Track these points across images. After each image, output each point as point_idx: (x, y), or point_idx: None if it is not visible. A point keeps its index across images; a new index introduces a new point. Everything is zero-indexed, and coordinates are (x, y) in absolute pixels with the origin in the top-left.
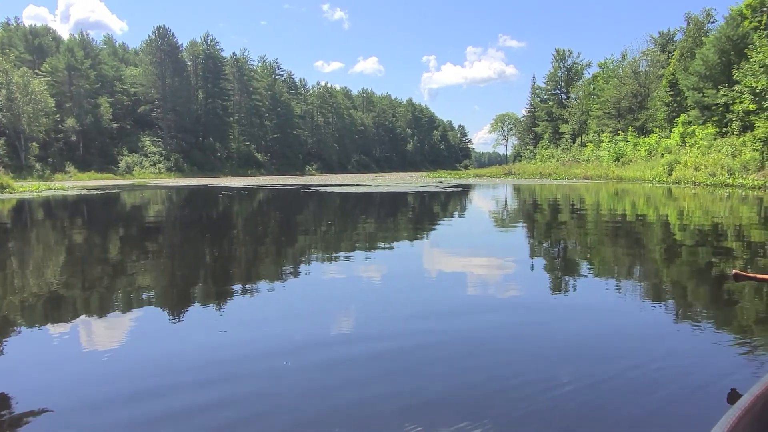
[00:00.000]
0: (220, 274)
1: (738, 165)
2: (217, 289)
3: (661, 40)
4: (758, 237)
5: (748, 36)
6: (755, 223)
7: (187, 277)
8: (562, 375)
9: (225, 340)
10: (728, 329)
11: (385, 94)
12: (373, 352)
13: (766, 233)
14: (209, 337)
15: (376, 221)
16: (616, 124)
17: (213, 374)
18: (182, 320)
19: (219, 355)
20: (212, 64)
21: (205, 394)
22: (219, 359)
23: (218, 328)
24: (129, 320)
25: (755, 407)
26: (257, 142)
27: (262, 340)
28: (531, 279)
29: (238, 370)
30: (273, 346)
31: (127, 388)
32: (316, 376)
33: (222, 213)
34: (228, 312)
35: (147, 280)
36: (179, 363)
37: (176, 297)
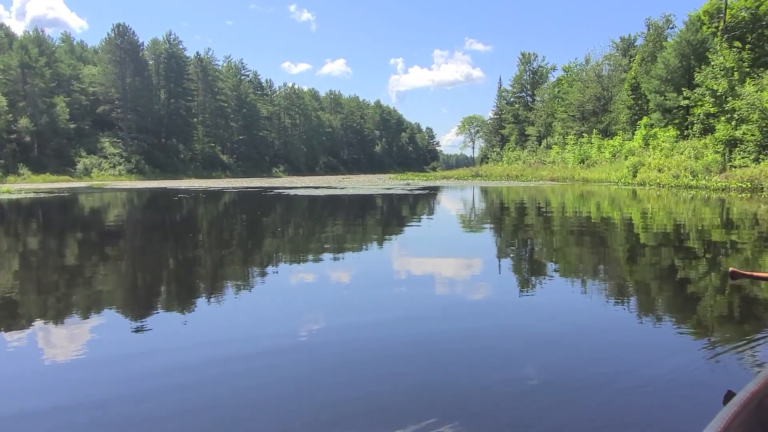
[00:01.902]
0: (154, 283)
1: (701, 167)
2: (162, 297)
3: (623, 45)
4: (719, 237)
5: (706, 41)
6: (717, 225)
7: (119, 286)
8: (535, 374)
9: (188, 344)
10: (705, 328)
11: (353, 95)
12: (341, 353)
13: (727, 234)
14: (168, 342)
15: (338, 225)
16: (580, 126)
17: (177, 378)
18: (141, 328)
19: (183, 358)
20: (175, 63)
21: (167, 399)
22: (183, 363)
23: (177, 334)
24: (78, 330)
25: (750, 405)
26: (222, 144)
27: (226, 343)
28: (499, 280)
29: (203, 374)
30: (239, 349)
31: (91, 396)
32: (283, 378)
33: (169, 217)
34: (177, 319)
35: (83, 290)
36: (142, 368)
37: (129, 304)
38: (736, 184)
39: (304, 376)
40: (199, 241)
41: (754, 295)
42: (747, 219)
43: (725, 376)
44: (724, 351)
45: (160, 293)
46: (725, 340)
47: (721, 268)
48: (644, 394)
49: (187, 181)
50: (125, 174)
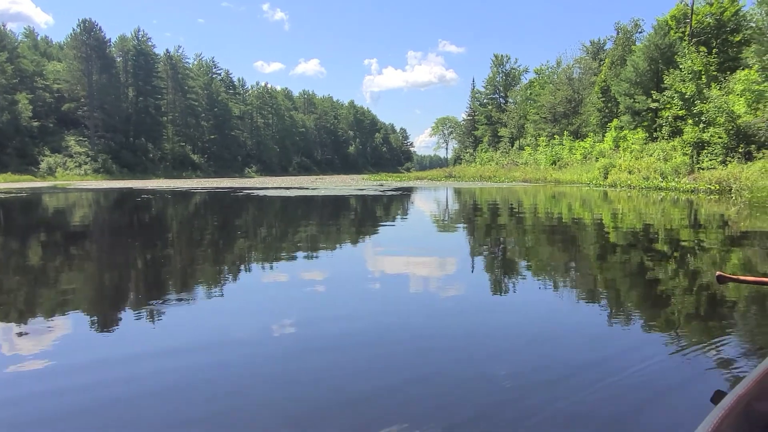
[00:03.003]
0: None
1: (670, 169)
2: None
3: (593, 49)
4: (687, 238)
5: (674, 45)
6: (685, 226)
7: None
8: (508, 372)
9: (156, 347)
10: (674, 326)
11: (327, 96)
12: (313, 353)
13: (695, 235)
14: (135, 346)
15: (307, 227)
16: (552, 128)
17: (146, 381)
18: (103, 333)
19: (153, 361)
20: (144, 60)
21: (135, 404)
22: (153, 366)
23: (143, 337)
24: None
25: (738, 407)
26: (193, 143)
27: (194, 347)
28: (472, 279)
29: (174, 377)
30: (209, 352)
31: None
32: (255, 380)
33: (126, 219)
34: (141, 324)
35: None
36: (110, 373)
37: (84, 310)
38: (704, 186)
39: (276, 377)
40: (154, 244)
41: (721, 295)
42: (714, 220)
43: (693, 373)
44: (691, 348)
45: (113, 299)
46: (693, 338)
47: (689, 267)
48: (618, 390)
49: (156, 181)
50: (91, 174)
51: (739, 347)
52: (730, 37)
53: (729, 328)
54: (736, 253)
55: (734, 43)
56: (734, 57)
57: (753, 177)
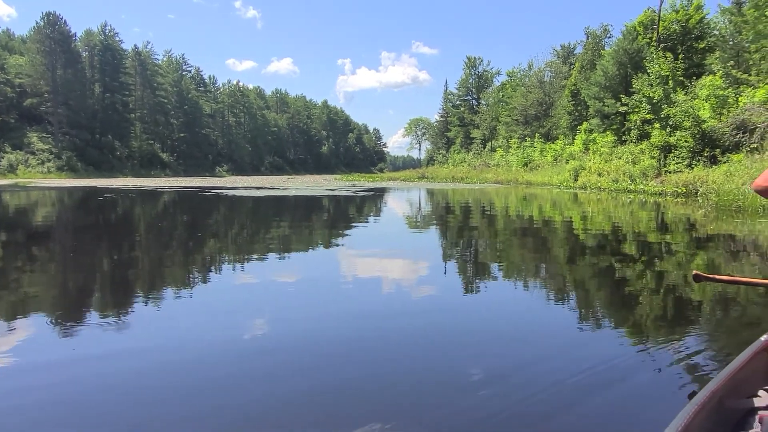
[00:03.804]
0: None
1: (638, 171)
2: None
3: (563, 53)
4: (654, 239)
5: (642, 50)
6: (652, 228)
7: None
8: (478, 371)
9: (121, 350)
10: (641, 326)
11: (300, 95)
12: (284, 353)
13: (662, 237)
14: (97, 349)
15: (272, 229)
16: (523, 130)
17: (113, 385)
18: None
19: (118, 365)
20: (111, 56)
21: (99, 410)
22: (121, 369)
23: (105, 341)
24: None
25: (711, 403)
26: (162, 141)
27: (162, 350)
28: (443, 279)
29: (142, 381)
30: (177, 355)
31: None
32: (225, 381)
33: (84, 219)
34: (103, 326)
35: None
36: (72, 376)
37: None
38: (671, 189)
39: (246, 377)
40: (108, 245)
41: (690, 295)
42: (680, 222)
43: (663, 370)
44: (659, 346)
45: (65, 301)
46: (661, 336)
47: (658, 268)
48: (590, 388)
49: (122, 180)
50: (55, 171)
51: (708, 345)
52: (695, 44)
53: (698, 327)
54: (705, 255)
55: (699, 50)
56: (699, 63)
57: (719, 180)
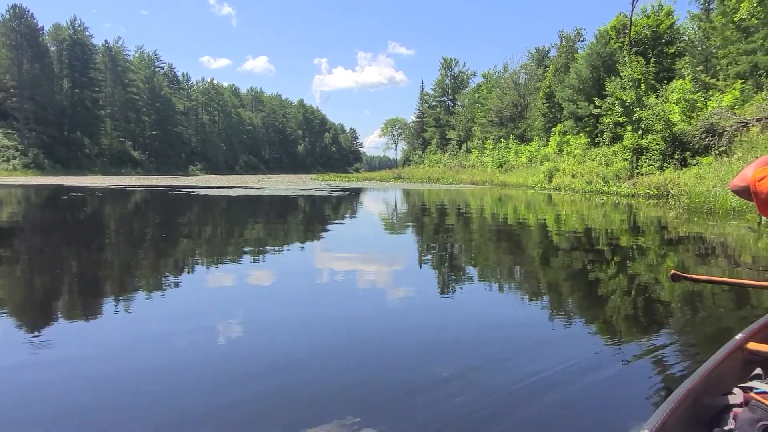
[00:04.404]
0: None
1: (611, 173)
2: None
3: (538, 56)
4: (627, 241)
5: (615, 54)
6: (625, 229)
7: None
8: (453, 372)
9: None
10: (614, 326)
11: (276, 94)
12: (259, 355)
13: (634, 238)
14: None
15: (239, 230)
16: (498, 131)
17: (80, 389)
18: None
19: (86, 368)
20: (80, 51)
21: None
22: (88, 373)
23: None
24: None
25: (687, 400)
26: (133, 139)
27: (136, 352)
28: (419, 280)
29: (114, 386)
30: (149, 359)
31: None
32: (200, 383)
33: (40, 219)
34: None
35: None
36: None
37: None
38: (643, 191)
39: (222, 379)
40: (68, 246)
41: (660, 295)
42: (652, 224)
43: (637, 369)
44: (629, 345)
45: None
46: (631, 335)
47: (628, 269)
48: (565, 388)
49: (91, 178)
50: (21, 169)
51: (681, 343)
52: (665, 49)
53: (670, 325)
54: (676, 256)
55: (669, 55)
56: (669, 68)
57: (690, 183)
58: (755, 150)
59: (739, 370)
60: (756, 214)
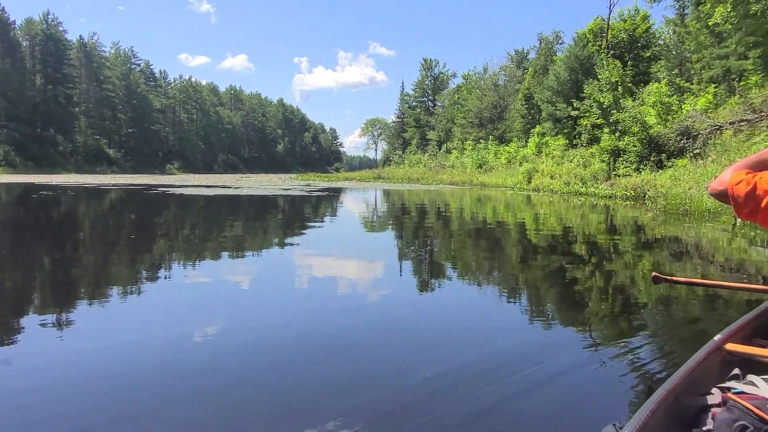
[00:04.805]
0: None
1: (589, 175)
2: None
3: (517, 57)
4: (604, 241)
5: (593, 56)
6: (602, 230)
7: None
8: (431, 371)
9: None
10: (591, 326)
11: (255, 92)
12: (240, 355)
13: (612, 239)
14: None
15: (206, 233)
16: (478, 132)
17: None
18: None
19: (62, 370)
20: (54, 46)
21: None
22: (64, 375)
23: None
24: None
25: (668, 400)
26: (109, 137)
27: (113, 352)
28: (398, 279)
29: (89, 387)
30: (129, 359)
31: None
32: (179, 384)
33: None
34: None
35: None
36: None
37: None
38: (621, 192)
39: (203, 379)
40: (31, 248)
41: (634, 297)
42: (629, 225)
43: (609, 367)
44: (607, 344)
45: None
46: (609, 334)
47: (606, 270)
48: (544, 388)
49: (65, 177)
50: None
51: (658, 344)
52: (641, 53)
53: (649, 326)
54: (652, 256)
55: (645, 59)
56: (645, 71)
57: (666, 184)
58: (728, 153)
59: (717, 370)
60: (731, 216)
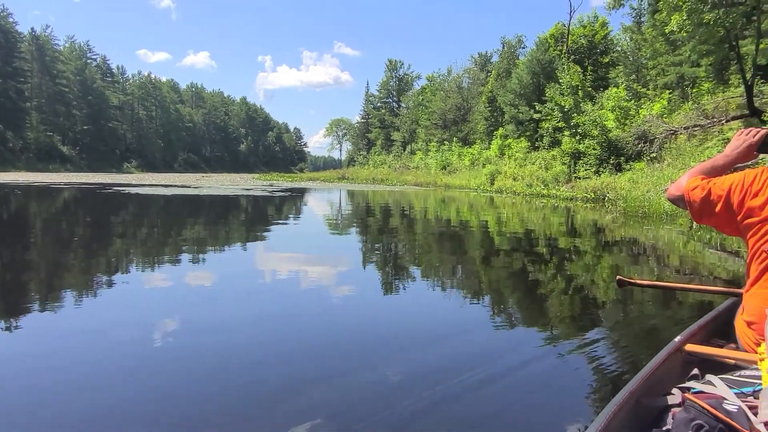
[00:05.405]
0: None
1: (550, 177)
2: None
3: (481, 60)
4: (564, 242)
5: (554, 61)
6: (563, 231)
7: None
8: (393, 373)
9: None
10: (551, 327)
11: (218, 90)
12: (196, 358)
13: (573, 240)
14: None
15: (160, 233)
16: (442, 134)
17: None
18: None
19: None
20: (3, 38)
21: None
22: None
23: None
24: None
25: (629, 402)
26: (63, 133)
27: (61, 354)
28: (361, 281)
29: (38, 393)
30: (79, 360)
31: None
32: (133, 389)
33: None
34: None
35: None
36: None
37: None
38: (581, 194)
39: (158, 382)
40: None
41: (595, 299)
42: (589, 227)
43: (577, 370)
44: (569, 345)
45: None
46: (571, 335)
47: (566, 270)
48: (505, 389)
49: (14, 174)
50: None
51: (619, 345)
52: (600, 58)
53: (610, 327)
54: (612, 258)
55: (604, 64)
56: (604, 76)
57: (626, 187)
58: (683, 157)
59: (678, 371)
60: (688, 219)
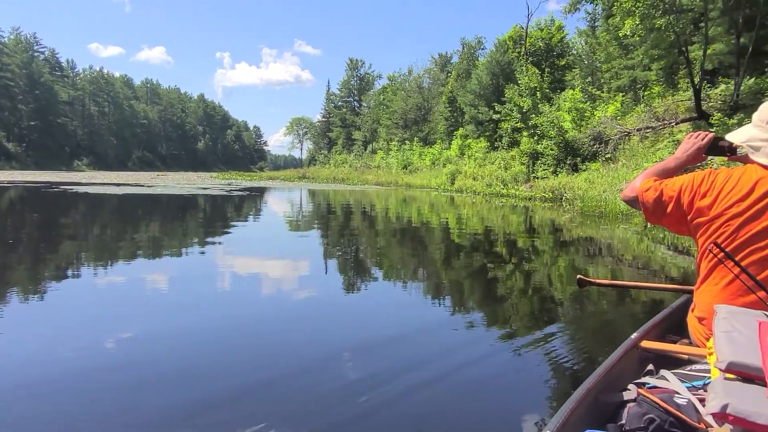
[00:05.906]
0: None
1: (509, 177)
2: None
3: (441, 61)
4: (523, 241)
5: (513, 62)
6: (522, 230)
7: None
8: (354, 373)
9: None
10: (510, 324)
11: (174, 87)
12: (151, 363)
13: (529, 239)
14: None
15: (105, 235)
16: (403, 134)
17: None
18: None
19: None
20: None
21: None
22: None
23: None
24: None
25: (588, 398)
26: (8, 129)
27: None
28: (320, 281)
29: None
30: (29, 371)
31: None
32: (86, 396)
33: None
34: None
35: None
36: None
37: None
38: (540, 194)
39: (111, 389)
40: None
41: (553, 297)
42: (547, 226)
43: (535, 367)
44: (527, 343)
45: None
46: (529, 333)
47: (525, 269)
48: (464, 387)
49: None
50: None
51: (578, 343)
52: (557, 61)
53: (569, 325)
54: (569, 257)
55: (560, 67)
56: (560, 79)
57: (583, 187)
58: (636, 157)
59: (634, 367)
60: (642, 219)
